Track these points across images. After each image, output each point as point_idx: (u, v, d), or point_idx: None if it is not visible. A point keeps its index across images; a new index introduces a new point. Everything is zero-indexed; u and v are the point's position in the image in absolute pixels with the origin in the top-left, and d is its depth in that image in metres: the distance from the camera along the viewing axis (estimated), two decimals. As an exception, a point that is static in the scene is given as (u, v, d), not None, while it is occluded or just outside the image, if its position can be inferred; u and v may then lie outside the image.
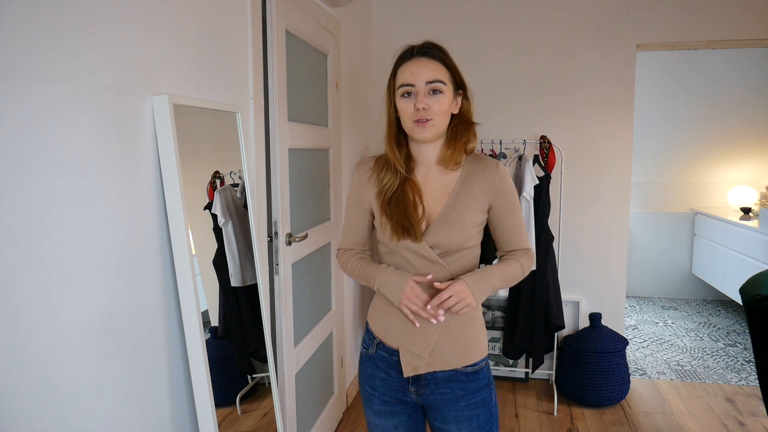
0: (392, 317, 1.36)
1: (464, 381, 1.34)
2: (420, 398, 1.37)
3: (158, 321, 1.34)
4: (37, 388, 1.00)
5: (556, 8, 3.19)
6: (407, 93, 1.28)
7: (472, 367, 1.34)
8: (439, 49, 1.32)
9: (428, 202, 1.34)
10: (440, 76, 1.28)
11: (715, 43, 3.11)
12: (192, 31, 1.48)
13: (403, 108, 1.29)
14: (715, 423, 2.81)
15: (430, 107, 1.27)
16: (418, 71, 1.27)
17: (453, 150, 1.32)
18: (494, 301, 3.34)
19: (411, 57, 1.30)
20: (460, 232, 1.31)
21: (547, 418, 2.90)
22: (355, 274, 1.42)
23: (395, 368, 1.37)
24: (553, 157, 3.05)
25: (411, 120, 1.28)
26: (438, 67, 1.29)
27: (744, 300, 1.74)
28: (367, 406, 1.44)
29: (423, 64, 1.28)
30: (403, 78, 1.29)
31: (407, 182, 1.33)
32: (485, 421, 1.35)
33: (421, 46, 1.31)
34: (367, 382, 1.43)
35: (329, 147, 2.55)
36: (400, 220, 1.29)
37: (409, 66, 1.29)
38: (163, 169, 1.33)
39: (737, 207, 4.76)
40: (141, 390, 1.28)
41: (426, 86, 1.27)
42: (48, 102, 1.00)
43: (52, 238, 1.02)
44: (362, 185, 1.40)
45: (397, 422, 1.41)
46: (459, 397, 1.34)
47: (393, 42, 3.34)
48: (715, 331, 4.25)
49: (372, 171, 1.39)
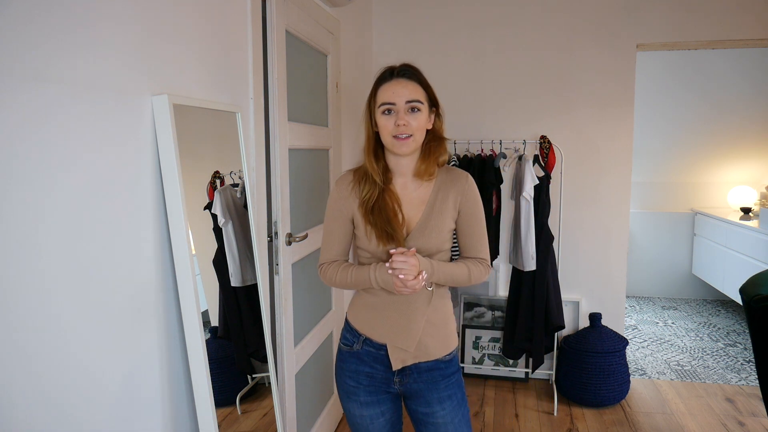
0: (377, 314, 1.48)
1: (443, 368, 1.49)
2: (403, 387, 1.50)
3: (158, 321, 1.34)
4: (36, 388, 1.00)
5: (556, 8, 3.19)
6: (388, 110, 1.40)
7: (449, 355, 1.51)
8: (416, 71, 1.44)
9: (407, 210, 1.46)
10: (418, 96, 1.40)
11: (715, 43, 3.11)
12: (192, 31, 1.48)
13: (384, 124, 1.40)
14: (715, 423, 2.81)
15: (410, 124, 1.39)
16: (399, 91, 1.39)
17: (427, 164, 1.45)
18: (494, 301, 3.34)
19: (391, 78, 1.41)
20: (438, 238, 1.44)
21: (547, 418, 2.90)
22: (347, 280, 1.47)
23: (381, 362, 1.48)
24: (553, 157, 3.05)
25: (391, 135, 1.40)
26: (416, 87, 1.41)
27: (744, 300, 1.74)
28: (352, 400, 1.52)
29: (402, 85, 1.40)
30: (385, 97, 1.40)
31: (386, 192, 1.45)
32: (461, 398, 1.52)
33: (400, 68, 1.43)
34: (351, 377, 1.51)
35: (329, 147, 2.56)
36: (383, 227, 1.41)
37: (390, 86, 1.40)
38: (163, 169, 1.33)
39: (737, 207, 4.76)
40: (141, 390, 1.28)
41: (405, 105, 1.39)
42: (48, 102, 1.00)
43: (50, 237, 1.02)
44: (344, 197, 1.49)
45: (384, 409, 1.52)
46: (438, 380, 1.49)
47: (393, 42, 3.36)
48: (715, 331, 4.25)
49: (352, 183, 1.49)
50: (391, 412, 1.54)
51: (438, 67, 3.32)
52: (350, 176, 1.50)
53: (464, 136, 3.21)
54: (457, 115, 3.29)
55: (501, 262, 3.35)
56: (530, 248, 2.91)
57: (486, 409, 3.00)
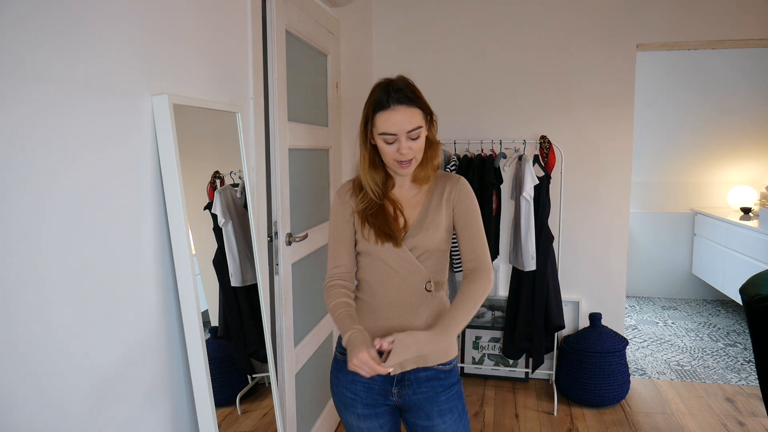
0: (375, 321, 1.45)
1: (442, 378, 1.46)
2: (401, 399, 1.46)
3: (158, 321, 1.34)
4: (35, 388, 1.00)
5: (557, 8, 3.19)
6: (389, 140, 1.37)
7: (448, 365, 1.47)
8: (412, 92, 1.38)
9: (407, 213, 1.47)
10: (418, 122, 1.37)
11: (715, 43, 3.11)
12: (192, 31, 1.48)
13: (386, 150, 1.39)
14: (715, 423, 2.81)
15: (412, 148, 1.38)
16: (400, 121, 1.35)
17: (425, 170, 1.47)
18: (494, 301, 3.34)
19: (389, 105, 1.35)
20: (436, 235, 1.44)
21: (547, 418, 2.90)
22: (333, 316, 1.43)
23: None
24: (553, 157, 3.05)
25: (394, 160, 1.39)
26: (415, 113, 1.37)
27: (744, 300, 1.74)
28: (349, 411, 1.48)
29: (401, 113, 1.35)
30: (385, 127, 1.36)
31: (386, 200, 1.47)
32: (462, 410, 1.48)
33: (395, 93, 1.35)
34: (348, 387, 1.47)
35: (329, 147, 2.56)
36: (382, 228, 1.42)
37: (388, 116, 1.35)
38: (163, 169, 1.33)
39: (737, 207, 4.76)
40: (141, 390, 1.28)
41: (407, 134, 1.36)
42: (48, 102, 1.00)
43: (50, 237, 1.02)
44: (345, 201, 1.49)
45: (382, 422, 1.48)
46: (439, 392, 1.45)
47: (393, 42, 3.36)
48: (715, 331, 4.25)
49: (352, 191, 1.49)
50: (390, 425, 1.50)
51: (438, 67, 3.32)
52: (350, 185, 1.51)
53: (464, 136, 3.21)
54: (457, 114, 3.29)
55: (501, 262, 3.35)
56: (530, 248, 2.91)
57: (486, 409, 3.00)
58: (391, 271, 1.43)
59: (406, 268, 1.43)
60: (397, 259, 1.43)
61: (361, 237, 1.46)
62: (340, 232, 1.48)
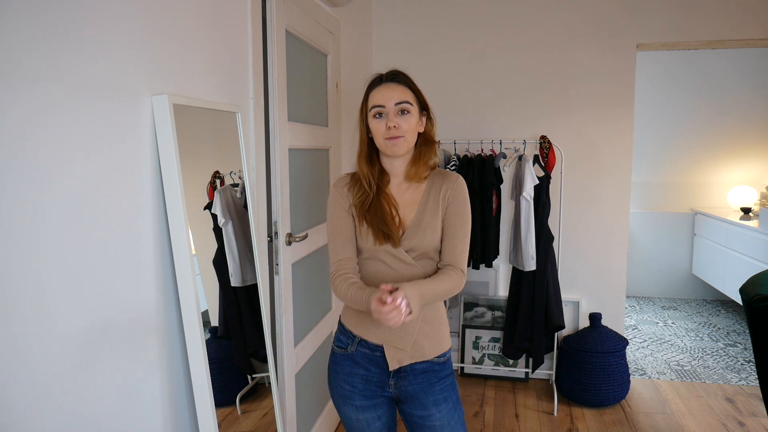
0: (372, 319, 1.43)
1: (437, 370, 1.50)
2: (397, 390, 1.50)
3: (158, 321, 1.34)
4: (36, 389, 1.00)
5: (556, 8, 3.19)
6: (379, 114, 1.44)
7: (443, 357, 1.52)
8: (404, 75, 1.48)
9: (402, 211, 1.49)
10: (407, 98, 1.45)
11: (715, 43, 3.11)
12: (192, 31, 1.48)
13: (376, 127, 1.45)
14: (715, 423, 2.81)
15: (400, 126, 1.42)
16: (388, 94, 1.44)
17: (417, 167, 1.49)
18: (494, 301, 3.34)
19: (380, 83, 1.47)
20: (432, 236, 1.46)
21: (547, 418, 2.90)
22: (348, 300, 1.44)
23: (375, 364, 1.48)
24: (553, 157, 3.04)
25: (383, 137, 1.44)
26: (405, 90, 1.46)
27: (744, 300, 1.74)
28: (347, 403, 1.51)
29: (391, 88, 1.45)
30: (375, 100, 1.45)
31: (381, 195, 1.48)
32: (456, 400, 1.53)
33: (389, 73, 1.48)
34: (346, 380, 1.50)
35: (329, 147, 2.56)
36: (380, 227, 1.44)
37: (379, 90, 1.45)
38: (163, 169, 1.33)
39: (737, 207, 4.76)
40: (141, 390, 1.28)
41: (395, 107, 1.43)
42: (48, 102, 1.00)
43: (50, 238, 1.02)
44: (343, 195, 1.51)
45: (380, 413, 1.52)
46: (433, 383, 1.49)
47: (393, 42, 3.36)
48: (715, 331, 4.25)
49: (349, 185, 1.52)
50: (387, 416, 1.54)
51: (438, 67, 3.32)
52: (347, 179, 1.54)
53: (464, 136, 3.21)
54: (457, 114, 3.29)
55: (501, 262, 3.35)
56: (530, 248, 2.91)
57: (486, 409, 3.00)
58: (390, 270, 1.46)
59: (403, 267, 1.45)
60: (395, 259, 1.45)
61: (360, 236, 1.47)
62: (341, 224, 1.49)
